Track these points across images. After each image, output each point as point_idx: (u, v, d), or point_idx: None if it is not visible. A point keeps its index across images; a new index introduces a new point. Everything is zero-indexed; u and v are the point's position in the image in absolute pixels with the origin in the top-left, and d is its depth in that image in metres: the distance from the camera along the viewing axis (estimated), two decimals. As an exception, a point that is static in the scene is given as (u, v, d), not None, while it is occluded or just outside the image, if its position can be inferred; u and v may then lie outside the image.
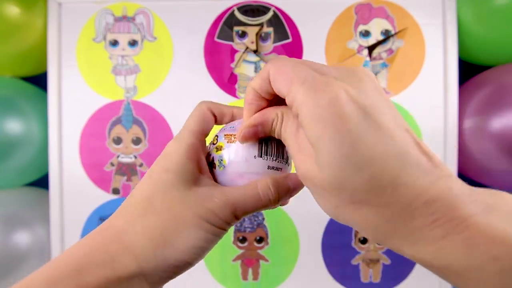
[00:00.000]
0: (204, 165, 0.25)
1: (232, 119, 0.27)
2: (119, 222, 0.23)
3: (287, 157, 0.25)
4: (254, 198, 0.23)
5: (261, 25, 0.67)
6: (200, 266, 0.68)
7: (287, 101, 0.20)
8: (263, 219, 0.67)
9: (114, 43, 0.67)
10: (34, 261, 0.65)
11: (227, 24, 0.67)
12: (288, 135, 0.22)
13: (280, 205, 0.26)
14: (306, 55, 0.66)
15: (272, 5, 0.67)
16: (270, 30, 0.67)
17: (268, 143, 0.24)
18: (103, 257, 0.21)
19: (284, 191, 0.24)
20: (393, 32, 0.66)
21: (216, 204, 0.22)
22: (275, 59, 0.22)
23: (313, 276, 0.68)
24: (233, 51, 0.67)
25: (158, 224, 0.22)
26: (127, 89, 0.68)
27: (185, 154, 0.24)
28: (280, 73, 0.20)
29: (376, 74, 0.66)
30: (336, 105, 0.18)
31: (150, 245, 0.22)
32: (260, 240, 0.67)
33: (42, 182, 0.72)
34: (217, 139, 0.26)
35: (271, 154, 0.24)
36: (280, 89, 0.20)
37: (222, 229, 0.23)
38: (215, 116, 0.27)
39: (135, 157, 0.68)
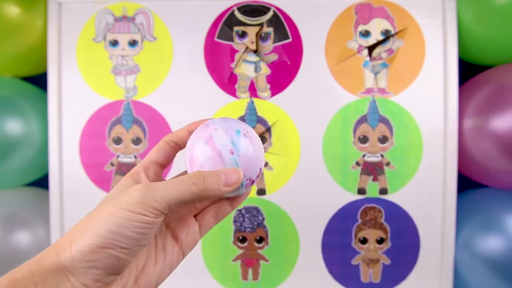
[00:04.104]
0: (145, 181, 0.29)
1: (191, 133, 0.31)
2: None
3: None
4: (176, 185, 0.25)
5: (261, 25, 0.67)
6: (200, 266, 0.68)
7: None
8: (263, 219, 0.67)
9: (114, 43, 0.67)
10: (34, 261, 0.66)
11: (227, 24, 0.67)
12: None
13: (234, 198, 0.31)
14: (306, 55, 0.66)
15: (272, 5, 0.67)
16: (270, 30, 0.67)
17: None
18: (34, 257, 0.24)
19: (214, 181, 0.26)
20: (393, 32, 0.66)
21: (136, 192, 0.24)
22: None
23: (313, 276, 0.68)
24: (233, 51, 0.67)
25: (78, 225, 0.25)
26: (127, 89, 0.68)
27: (127, 178, 0.28)
28: None
29: (376, 74, 0.66)
30: None
31: (67, 240, 0.24)
32: (260, 240, 0.67)
33: (42, 182, 0.72)
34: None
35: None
36: None
37: (143, 215, 0.24)
38: (175, 142, 0.31)
39: (135, 157, 0.68)
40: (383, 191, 0.66)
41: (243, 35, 0.67)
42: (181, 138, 0.31)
